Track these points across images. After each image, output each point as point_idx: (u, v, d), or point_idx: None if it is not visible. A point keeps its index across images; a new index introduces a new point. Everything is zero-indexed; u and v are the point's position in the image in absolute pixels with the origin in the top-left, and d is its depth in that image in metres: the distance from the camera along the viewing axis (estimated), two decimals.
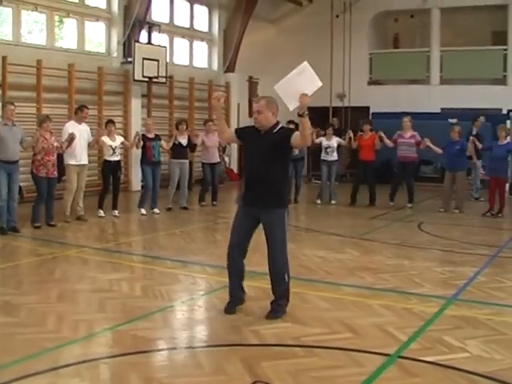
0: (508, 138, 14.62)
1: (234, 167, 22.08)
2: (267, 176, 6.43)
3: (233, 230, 6.81)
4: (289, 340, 5.88)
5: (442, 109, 21.54)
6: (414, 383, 4.96)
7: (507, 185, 15.47)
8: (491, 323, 6.49)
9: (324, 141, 16.30)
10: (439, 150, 15.07)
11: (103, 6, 18.13)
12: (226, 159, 21.16)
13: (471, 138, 15.40)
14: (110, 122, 13.82)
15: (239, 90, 22.77)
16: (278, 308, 6.64)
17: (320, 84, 6.34)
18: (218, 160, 16.09)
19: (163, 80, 18.82)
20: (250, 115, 22.60)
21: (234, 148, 20.96)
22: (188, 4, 21.34)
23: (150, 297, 7.39)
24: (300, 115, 6.10)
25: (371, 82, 23.92)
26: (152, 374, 5.09)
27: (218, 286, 7.84)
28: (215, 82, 21.88)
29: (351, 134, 16.48)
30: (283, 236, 6.59)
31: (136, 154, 16.78)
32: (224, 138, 7.30)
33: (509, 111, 20.76)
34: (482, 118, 19.76)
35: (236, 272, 6.85)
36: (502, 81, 21.86)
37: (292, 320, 6.50)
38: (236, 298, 6.82)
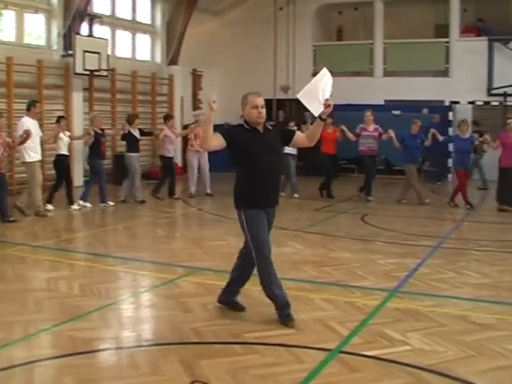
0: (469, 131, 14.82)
1: (179, 162, 21.87)
2: (278, 175, 6.49)
3: (260, 238, 6.15)
4: (229, 337, 5.77)
5: (385, 101, 21.63)
6: (355, 378, 4.91)
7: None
8: (433, 315, 6.48)
9: None
10: (397, 143, 15.21)
11: None
12: None
13: (432, 130, 15.53)
14: (62, 117, 14.03)
15: (183, 83, 22.56)
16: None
17: (331, 88, 6.36)
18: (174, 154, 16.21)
19: (105, 73, 18.50)
20: (194, 108, 22.49)
21: (179, 142, 20.68)
22: None
23: (89, 295, 7.20)
24: (323, 119, 6.25)
25: (315, 74, 23.66)
26: (87, 376, 4.92)
27: (159, 283, 7.71)
28: (158, 74, 21.65)
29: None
30: None
31: (77, 149, 16.64)
32: (211, 145, 6.16)
33: (451, 103, 20.98)
34: (425, 110, 19.98)
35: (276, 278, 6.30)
36: (445, 73, 22.04)
37: (233, 317, 6.39)
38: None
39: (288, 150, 15.90)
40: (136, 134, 15.16)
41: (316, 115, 6.26)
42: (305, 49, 23.34)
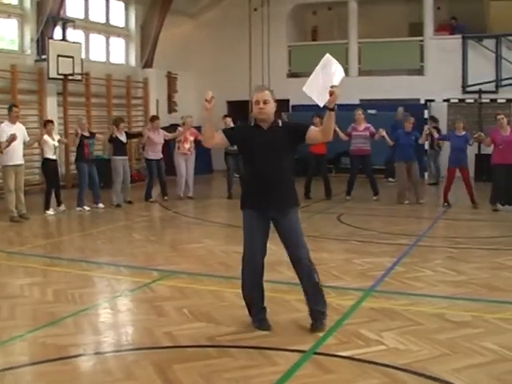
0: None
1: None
2: (281, 176, 5.96)
3: (246, 241, 6.23)
4: (203, 340, 5.72)
5: (360, 100, 21.64)
6: (329, 379, 4.88)
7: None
8: (408, 314, 6.47)
9: None
10: (391, 142, 15.23)
11: (15, 1, 17.63)
12: None
13: (426, 127, 15.54)
14: (50, 121, 14.08)
15: (158, 86, 22.48)
16: (320, 316, 6.06)
17: (343, 74, 5.92)
18: (162, 156, 16.11)
19: (79, 77, 18.39)
20: (169, 111, 22.44)
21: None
22: None
23: (63, 301, 7.12)
24: (331, 109, 5.71)
25: (290, 75, 23.87)
26: (61, 382, 4.87)
27: (134, 287, 7.66)
28: (133, 78, 21.57)
29: None
30: (302, 234, 6.09)
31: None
32: (215, 143, 6.15)
33: (426, 101, 21.05)
34: (400, 109, 20.01)
35: (260, 291, 6.25)
36: (420, 71, 22.13)
37: (207, 319, 6.35)
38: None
39: None
40: (122, 137, 15.14)
41: (321, 105, 5.85)
42: (280, 49, 23.35)
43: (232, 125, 15.80)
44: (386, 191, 16.51)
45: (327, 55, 5.99)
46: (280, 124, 6.04)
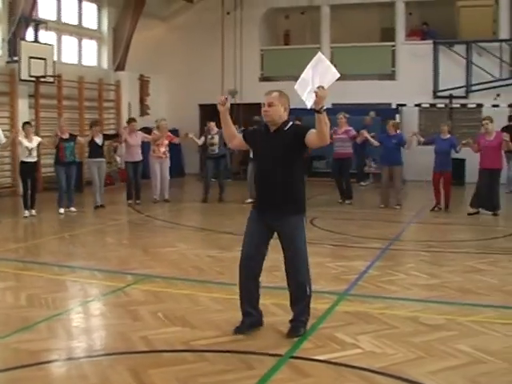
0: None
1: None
2: (283, 180, 5.86)
3: (244, 242, 6.20)
4: (178, 345, 5.69)
5: (333, 104, 21.70)
6: (307, 383, 4.88)
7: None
8: (383, 317, 6.49)
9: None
10: (376, 143, 15.34)
11: None
12: (118, 159, 20.67)
13: (412, 131, 15.66)
14: (27, 123, 14.02)
15: (130, 89, 22.37)
16: (299, 325, 5.97)
17: (338, 75, 5.77)
18: (141, 158, 16.05)
19: (51, 79, 18.21)
20: (142, 114, 22.36)
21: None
22: (76, 1, 20.79)
23: (36, 306, 7.03)
24: (317, 111, 5.51)
25: (263, 79, 23.91)
26: None
27: (107, 292, 7.59)
28: (105, 80, 21.44)
29: None
30: (304, 244, 5.97)
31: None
32: (234, 144, 6.33)
33: (398, 105, 21.21)
34: (372, 113, 20.14)
35: (247, 294, 6.16)
36: (391, 76, 22.29)
37: (182, 324, 6.31)
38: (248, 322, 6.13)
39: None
40: (98, 139, 15.07)
41: (308, 107, 5.74)
42: (252, 53, 23.35)
43: (216, 129, 16.07)
44: (358, 195, 16.59)
45: (319, 53, 5.92)
46: (287, 127, 5.93)
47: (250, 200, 15.04)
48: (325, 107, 5.54)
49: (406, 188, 18.36)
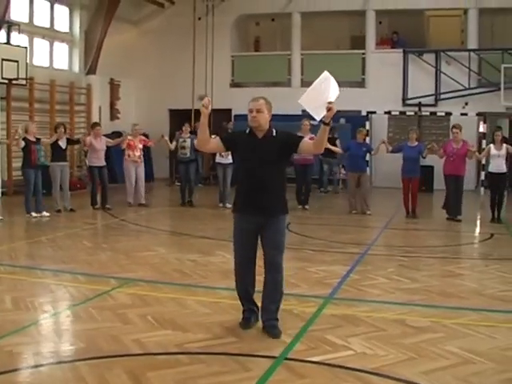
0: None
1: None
2: (271, 182, 6.10)
3: (237, 246, 6.30)
4: (172, 348, 5.70)
5: (303, 111, 21.70)
6: None
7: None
8: (370, 320, 6.59)
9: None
10: (339, 150, 15.49)
11: None
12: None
13: (382, 139, 15.85)
14: None
15: (101, 93, 22.26)
16: (276, 323, 6.19)
17: (338, 92, 6.04)
18: (105, 163, 15.96)
19: (23, 82, 18.03)
20: (112, 118, 22.29)
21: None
22: (48, 3, 20.62)
23: (23, 309, 6.97)
24: (326, 123, 5.90)
25: (233, 85, 24.00)
26: None
27: (93, 295, 7.56)
28: (77, 84, 21.28)
29: None
30: (284, 242, 6.26)
31: None
32: (210, 147, 6.38)
33: (368, 113, 21.43)
34: (342, 120, 20.32)
35: (246, 295, 6.41)
36: (361, 83, 22.52)
37: (172, 327, 6.32)
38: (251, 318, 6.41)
39: (221, 159, 15.95)
40: (61, 143, 14.96)
41: (318, 120, 6.05)
42: (223, 59, 23.38)
43: (189, 133, 16.39)
44: (320, 202, 16.80)
45: (325, 72, 6.11)
46: (274, 133, 6.17)
47: (228, 205, 15.16)
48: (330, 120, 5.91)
49: (375, 194, 18.57)
